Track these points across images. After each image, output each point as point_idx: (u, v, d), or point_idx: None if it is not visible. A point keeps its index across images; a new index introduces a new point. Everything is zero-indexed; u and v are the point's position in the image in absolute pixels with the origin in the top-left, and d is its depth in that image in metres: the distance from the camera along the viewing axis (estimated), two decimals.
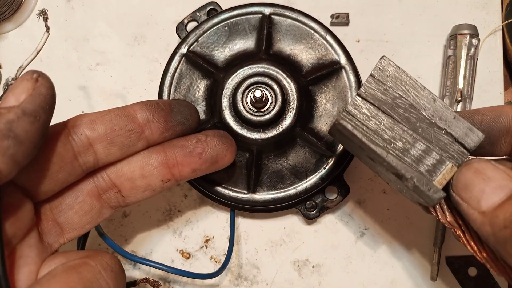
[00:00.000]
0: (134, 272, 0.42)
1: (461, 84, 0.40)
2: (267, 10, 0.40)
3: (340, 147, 0.39)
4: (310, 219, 0.40)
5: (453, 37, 0.41)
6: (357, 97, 0.28)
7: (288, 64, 0.40)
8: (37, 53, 0.44)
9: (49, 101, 0.25)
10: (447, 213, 0.28)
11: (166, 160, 0.31)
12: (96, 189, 0.30)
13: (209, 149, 0.32)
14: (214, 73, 0.40)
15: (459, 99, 0.40)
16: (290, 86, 0.38)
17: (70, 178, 0.28)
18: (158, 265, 0.34)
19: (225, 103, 0.38)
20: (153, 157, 0.31)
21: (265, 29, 0.40)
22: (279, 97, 0.38)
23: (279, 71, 0.38)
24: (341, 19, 0.44)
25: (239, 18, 0.40)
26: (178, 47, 0.40)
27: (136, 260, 0.34)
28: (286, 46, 0.40)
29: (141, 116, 0.30)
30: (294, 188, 0.38)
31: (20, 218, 0.26)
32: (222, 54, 0.40)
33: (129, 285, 0.37)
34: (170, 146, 0.31)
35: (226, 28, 0.40)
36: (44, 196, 0.28)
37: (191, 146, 0.31)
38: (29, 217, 0.27)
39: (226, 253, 0.42)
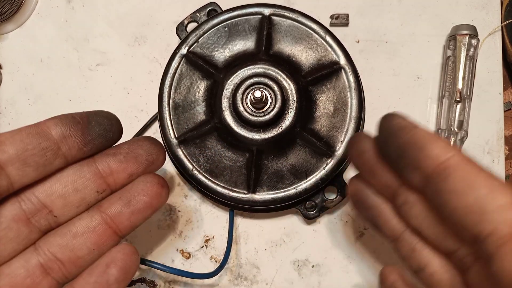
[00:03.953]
0: None
1: (460, 85, 0.40)
2: (266, 11, 0.40)
3: (340, 147, 0.39)
4: (309, 219, 0.40)
5: (453, 37, 0.41)
6: None
7: (288, 65, 0.40)
8: None
9: None
10: None
11: (99, 170, 0.29)
12: (24, 213, 0.28)
13: (143, 152, 0.31)
14: (214, 73, 0.40)
15: (458, 99, 0.40)
16: (290, 86, 0.38)
17: None
18: (155, 265, 0.34)
19: (225, 103, 0.38)
20: (85, 169, 0.29)
21: (265, 29, 0.40)
22: (279, 97, 0.38)
23: (279, 71, 0.38)
24: (341, 20, 0.44)
25: (239, 18, 0.40)
26: (178, 48, 0.40)
27: None
28: (286, 46, 0.40)
29: (56, 132, 0.27)
30: (294, 188, 0.39)
31: None
32: (222, 54, 0.40)
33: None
34: (102, 156, 0.30)
35: (226, 28, 0.40)
36: None
37: (124, 151, 0.30)
38: None
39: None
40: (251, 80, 0.38)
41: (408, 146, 0.25)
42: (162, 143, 0.33)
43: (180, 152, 0.39)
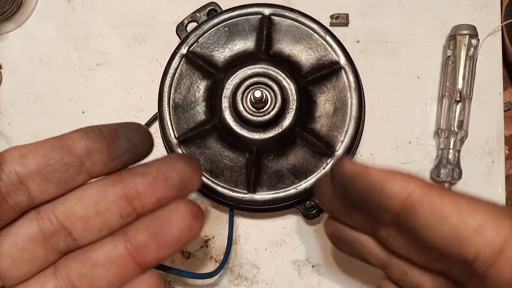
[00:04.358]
0: None
1: (460, 84, 0.40)
2: (266, 11, 0.40)
3: (340, 147, 0.39)
4: (310, 219, 0.40)
5: (453, 37, 0.41)
6: None
7: (288, 65, 0.40)
8: None
9: None
10: None
11: (125, 192, 0.26)
12: (41, 233, 0.26)
13: (175, 174, 0.26)
14: (214, 73, 0.40)
15: (458, 99, 0.40)
16: (290, 86, 0.38)
17: (1, 222, 0.25)
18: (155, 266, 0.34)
19: (225, 103, 0.38)
20: (109, 190, 0.26)
21: (265, 29, 0.40)
22: (279, 97, 0.38)
23: (278, 71, 0.38)
24: (341, 20, 0.44)
25: (239, 18, 0.40)
26: (178, 48, 0.40)
27: None
28: (286, 46, 0.40)
29: (80, 146, 0.26)
30: (294, 188, 0.39)
31: None
32: (222, 54, 0.40)
33: None
34: (130, 175, 0.27)
35: (226, 28, 0.40)
36: None
37: (154, 172, 0.26)
38: None
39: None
40: (251, 80, 0.38)
41: (367, 192, 0.25)
42: (198, 163, 0.29)
43: (180, 152, 0.39)
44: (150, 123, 0.44)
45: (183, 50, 0.40)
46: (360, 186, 0.25)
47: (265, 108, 0.38)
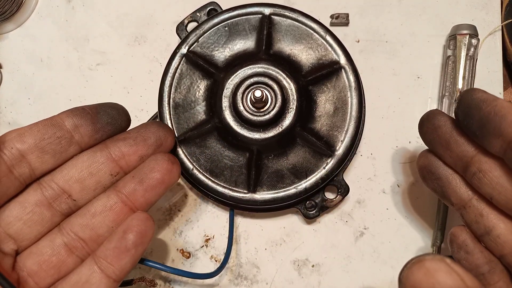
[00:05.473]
0: (133, 271, 0.42)
1: (460, 84, 0.40)
2: (267, 10, 0.40)
3: (340, 147, 0.39)
4: (310, 219, 0.40)
5: (453, 37, 0.41)
6: None
7: (288, 64, 0.40)
8: None
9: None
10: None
11: (111, 155, 0.32)
12: (45, 198, 0.31)
13: (151, 134, 0.33)
14: (214, 73, 0.40)
15: None
16: (290, 86, 0.38)
17: (9, 191, 0.30)
18: (155, 265, 0.34)
19: (225, 103, 0.38)
20: (98, 154, 0.32)
21: (265, 29, 0.40)
22: (279, 97, 0.38)
23: (279, 71, 0.38)
24: (341, 19, 0.44)
25: (239, 18, 0.40)
26: (179, 47, 0.40)
27: None
28: (286, 46, 0.40)
29: (69, 122, 0.31)
30: (294, 187, 0.39)
31: None
32: (222, 54, 0.40)
33: (125, 283, 0.37)
34: (113, 141, 0.33)
35: (226, 28, 0.40)
36: None
37: (134, 135, 0.33)
38: None
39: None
40: (251, 80, 0.38)
41: (490, 116, 0.28)
42: (170, 128, 0.35)
43: (180, 152, 0.39)
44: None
45: (183, 50, 0.40)
46: (485, 109, 0.28)
47: (265, 108, 0.38)
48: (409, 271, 0.24)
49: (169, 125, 0.40)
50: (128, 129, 0.34)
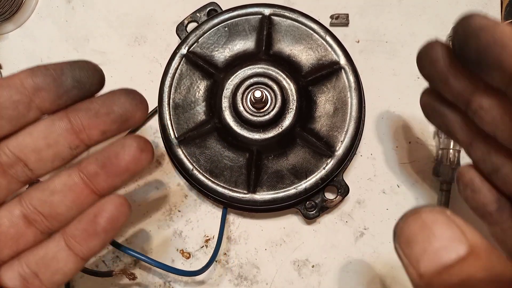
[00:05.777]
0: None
1: None
2: (267, 11, 0.40)
3: (340, 147, 0.39)
4: (309, 219, 0.40)
5: None
6: None
7: (288, 65, 0.40)
8: None
9: None
10: None
11: (71, 126, 0.29)
12: (0, 165, 0.28)
13: (116, 108, 0.29)
14: (214, 73, 0.40)
15: None
16: (290, 86, 0.38)
17: None
18: (136, 254, 0.34)
19: (225, 103, 0.38)
20: (56, 124, 0.29)
21: (265, 29, 0.40)
22: (279, 97, 0.38)
23: (279, 71, 0.38)
24: (341, 20, 0.44)
25: (239, 18, 0.40)
26: (178, 48, 0.40)
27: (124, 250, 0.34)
28: (286, 46, 0.40)
29: (28, 83, 0.27)
30: (294, 188, 0.39)
31: None
32: (222, 54, 0.40)
33: (105, 274, 0.37)
34: (74, 110, 0.29)
35: (226, 28, 0.40)
36: None
37: (97, 107, 0.29)
38: None
39: (225, 252, 0.42)
40: (251, 80, 0.38)
41: (490, 46, 0.24)
42: (143, 96, 0.31)
43: (180, 152, 0.39)
44: (149, 117, 0.44)
45: (183, 50, 0.40)
46: (484, 38, 0.24)
47: (265, 108, 0.38)
48: (404, 223, 0.22)
49: (169, 125, 0.40)
50: (99, 93, 0.30)
